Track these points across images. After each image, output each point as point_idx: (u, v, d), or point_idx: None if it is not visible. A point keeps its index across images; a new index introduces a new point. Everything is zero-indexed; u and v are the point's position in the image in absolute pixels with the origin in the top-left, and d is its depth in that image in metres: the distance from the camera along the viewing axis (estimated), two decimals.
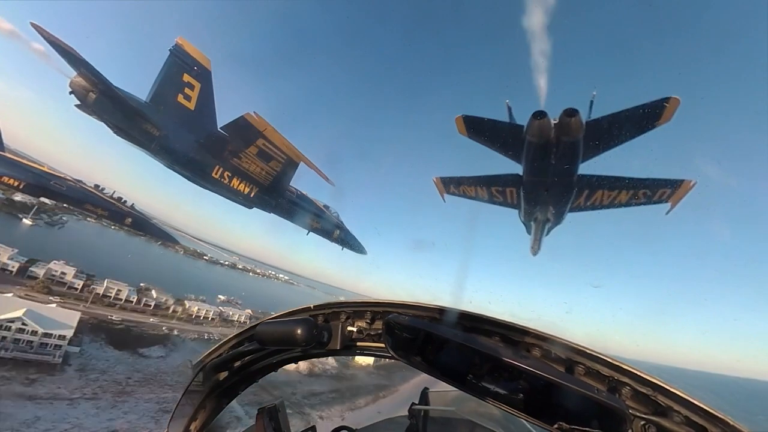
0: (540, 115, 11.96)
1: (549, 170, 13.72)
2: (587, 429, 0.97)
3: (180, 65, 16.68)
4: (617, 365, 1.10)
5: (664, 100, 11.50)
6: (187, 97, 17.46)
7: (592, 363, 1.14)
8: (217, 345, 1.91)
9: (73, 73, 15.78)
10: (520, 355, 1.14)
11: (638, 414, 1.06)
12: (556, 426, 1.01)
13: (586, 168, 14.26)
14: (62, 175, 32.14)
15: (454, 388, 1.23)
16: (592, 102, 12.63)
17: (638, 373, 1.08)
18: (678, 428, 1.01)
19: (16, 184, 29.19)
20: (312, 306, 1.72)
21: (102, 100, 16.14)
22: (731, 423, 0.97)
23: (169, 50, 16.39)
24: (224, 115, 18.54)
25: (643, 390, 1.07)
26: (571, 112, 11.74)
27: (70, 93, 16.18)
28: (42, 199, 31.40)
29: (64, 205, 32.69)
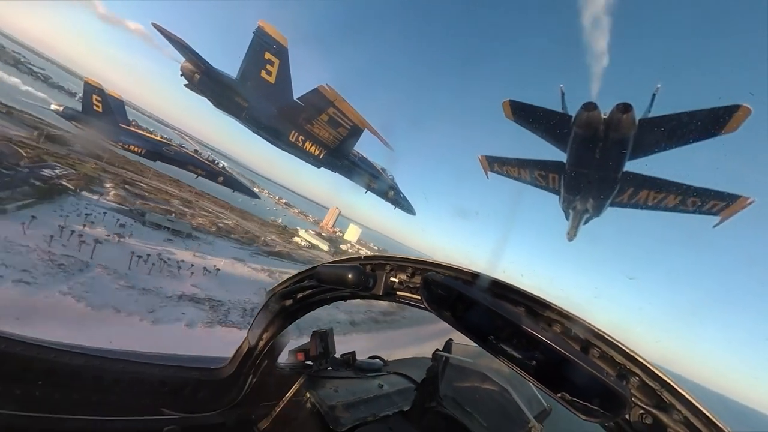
0: (590, 106, 10.87)
1: (593, 164, 12.69)
2: (588, 404, 0.99)
3: (262, 45, 18.04)
4: (631, 355, 1.09)
5: (733, 108, 9.93)
6: (269, 73, 19.01)
7: (607, 348, 1.13)
8: (285, 279, 2.12)
9: (182, 59, 18.10)
10: (540, 327, 1.14)
11: (639, 403, 1.05)
12: (559, 395, 1.04)
13: (636, 166, 12.99)
14: (170, 142, 37.07)
15: (475, 344, 1.26)
16: (654, 95, 11.14)
17: (650, 367, 1.06)
18: (674, 425, 1.00)
19: (139, 151, 34.55)
20: (362, 256, 1.83)
21: (205, 80, 18.42)
22: None
23: (253, 32, 17.73)
24: (296, 87, 20.12)
25: (651, 384, 1.06)
26: (624, 108, 10.49)
27: (181, 75, 18.66)
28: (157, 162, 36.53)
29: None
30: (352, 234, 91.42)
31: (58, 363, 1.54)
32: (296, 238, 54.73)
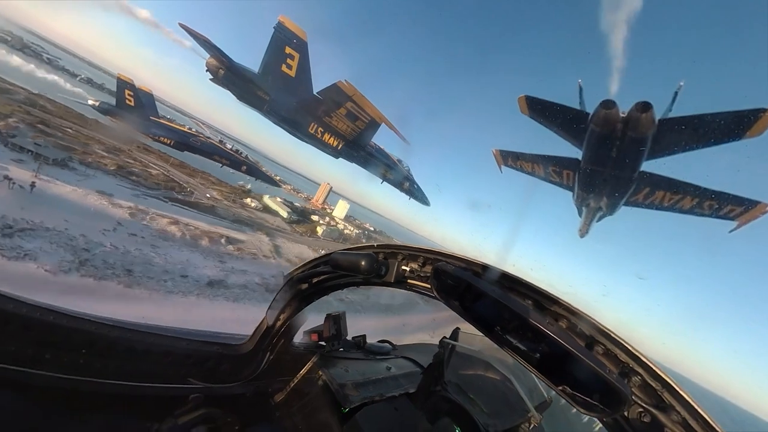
0: (609, 104, 10.38)
1: (609, 162, 12.20)
2: (588, 399, 1.00)
3: (282, 40, 18.16)
4: (635, 355, 1.09)
5: (758, 111, 9.32)
6: (289, 66, 19.18)
7: (612, 346, 1.13)
8: (302, 263, 2.20)
9: (207, 55, 18.53)
10: (546, 321, 1.14)
11: (639, 402, 1.06)
12: (560, 388, 1.04)
13: (653, 166, 12.42)
14: (197, 134, 38.25)
15: (481, 334, 1.26)
16: (676, 93, 10.55)
17: (652, 367, 1.07)
18: (672, 426, 1.01)
19: (168, 142, 35.88)
20: (376, 244, 1.86)
21: (228, 75, 18.83)
22: None
23: (273, 27, 17.86)
24: (316, 81, 20.18)
25: (652, 383, 1.06)
26: (643, 107, 9.95)
27: (206, 71, 19.13)
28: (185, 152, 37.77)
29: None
30: (340, 210, 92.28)
31: (97, 334, 1.73)
32: (248, 200, 51.02)
